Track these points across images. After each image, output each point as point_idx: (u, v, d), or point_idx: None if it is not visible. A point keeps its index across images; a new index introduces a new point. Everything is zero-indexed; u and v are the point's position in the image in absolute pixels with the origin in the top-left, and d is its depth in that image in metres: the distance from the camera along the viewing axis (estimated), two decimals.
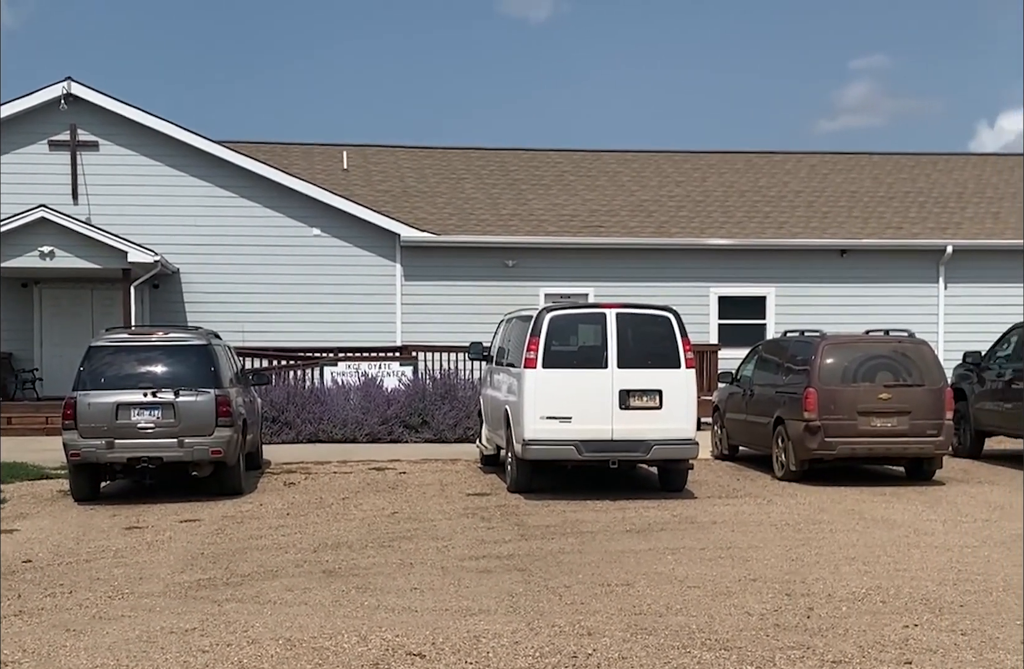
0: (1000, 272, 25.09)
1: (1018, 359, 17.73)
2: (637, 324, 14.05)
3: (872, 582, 9.07)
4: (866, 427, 15.17)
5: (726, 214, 26.23)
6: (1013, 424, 17.53)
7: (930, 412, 15.27)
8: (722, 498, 13.95)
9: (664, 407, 13.71)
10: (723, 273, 24.77)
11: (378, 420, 20.11)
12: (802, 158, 30.82)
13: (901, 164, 30.55)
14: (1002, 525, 11.92)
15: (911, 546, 10.69)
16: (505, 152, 30.42)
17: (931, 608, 8.21)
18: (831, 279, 24.92)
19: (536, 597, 8.56)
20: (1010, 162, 31.25)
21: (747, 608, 8.20)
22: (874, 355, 15.61)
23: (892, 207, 27.06)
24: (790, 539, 11.05)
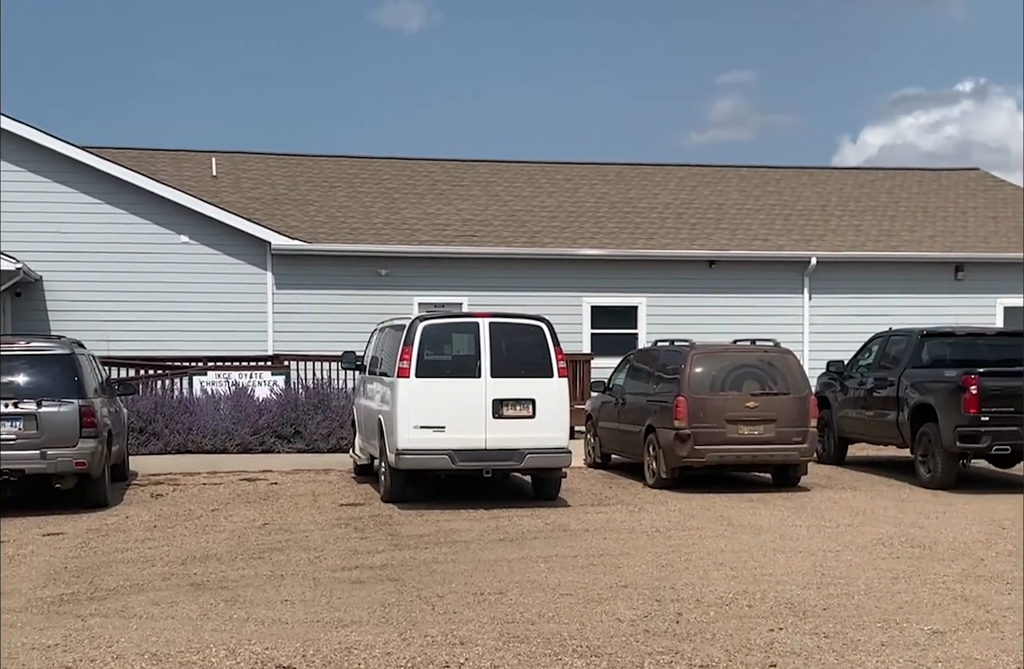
0: (862, 283, 25.74)
1: (879, 368, 18.21)
2: (510, 333, 14.11)
3: (739, 587, 9.23)
4: (734, 435, 15.44)
5: (598, 225, 26.50)
6: (874, 431, 17.99)
7: (795, 420, 15.61)
8: (595, 506, 14.07)
9: (537, 416, 13.78)
10: (595, 283, 24.99)
11: (249, 430, 19.86)
12: (672, 170, 31.29)
13: (768, 177, 31.20)
14: (864, 530, 12.22)
15: (777, 551, 10.91)
16: (378, 160, 30.33)
17: (795, 612, 8.38)
18: (700, 289, 25.32)
19: (409, 607, 8.53)
20: (871, 176, 32.12)
21: (618, 614, 8.28)
22: (741, 364, 15.90)
23: (759, 219, 27.61)
24: (660, 546, 11.19)
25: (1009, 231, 27.59)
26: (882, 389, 17.63)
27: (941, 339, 17.85)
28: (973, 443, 15.34)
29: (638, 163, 31.72)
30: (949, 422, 15.52)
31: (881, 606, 8.57)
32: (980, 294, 26.02)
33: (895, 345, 18.17)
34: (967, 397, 15.23)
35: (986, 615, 8.28)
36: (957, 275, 26.01)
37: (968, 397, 15.22)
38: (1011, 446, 15.38)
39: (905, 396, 16.80)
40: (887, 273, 25.87)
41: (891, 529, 12.22)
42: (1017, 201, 29.98)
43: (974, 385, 15.20)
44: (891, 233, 27.16)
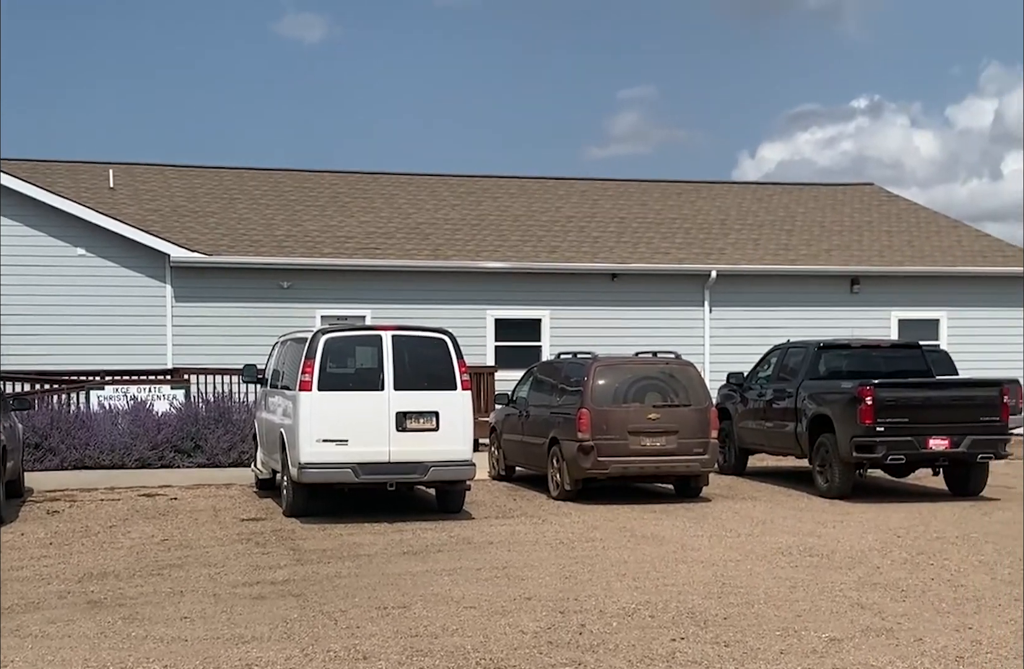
0: (761, 296, 26.12)
1: (778, 379, 18.48)
2: (413, 346, 14.10)
3: (642, 597, 9.29)
4: (637, 446, 15.56)
5: (501, 238, 26.57)
6: (774, 442, 18.25)
7: (696, 431, 15.77)
8: (499, 518, 14.08)
9: (441, 429, 13.78)
10: (499, 296, 25.05)
11: (148, 445, 19.54)
12: (574, 184, 31.49)
13: (668, 191, 31.54)
14: (764, 539, 12.39)
15: (679, 561, 11.01)
16: (279, 173, 30.12)
17: (696, 621, 8.46)
18: (603, 302, 25.49)
19: (311, 622, 8.46)
20: (769, 191, 32.64)
21: (521, 626, 8.30)
22: (643, 376, 16.04)
23: (660, 233, 27.89)
24: (564, 557, 11.23)
25: (903, 245, 28.20)
26: (781, 400, 17.90)
27: (837, 351, 18.18)
28: (869, 453, 15.63)
29: (540, 177, 31.89)
30: (845, 433, 15.79)
31: (780, 614, 8.69)
32: (875, 307, 26.54)
33: (793, 357, 18.46)
34: (863, 408, 15.52)
35: (881, 622, 8.43)
36: (853, 288, 26.51)
37: (864, 408, 15.51)
38: (905, 456, 15.70)
39: (803, 407, 17.07)
40: (785, 286, 26.28)
41: (790, 538, 12.39)
42: (910, 216, 30.67)
43: (869, 396, 15.50)
44: (789, 247, 27.61)
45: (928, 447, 15.59)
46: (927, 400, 15.86)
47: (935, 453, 15.71)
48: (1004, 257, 27.77)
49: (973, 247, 28.34)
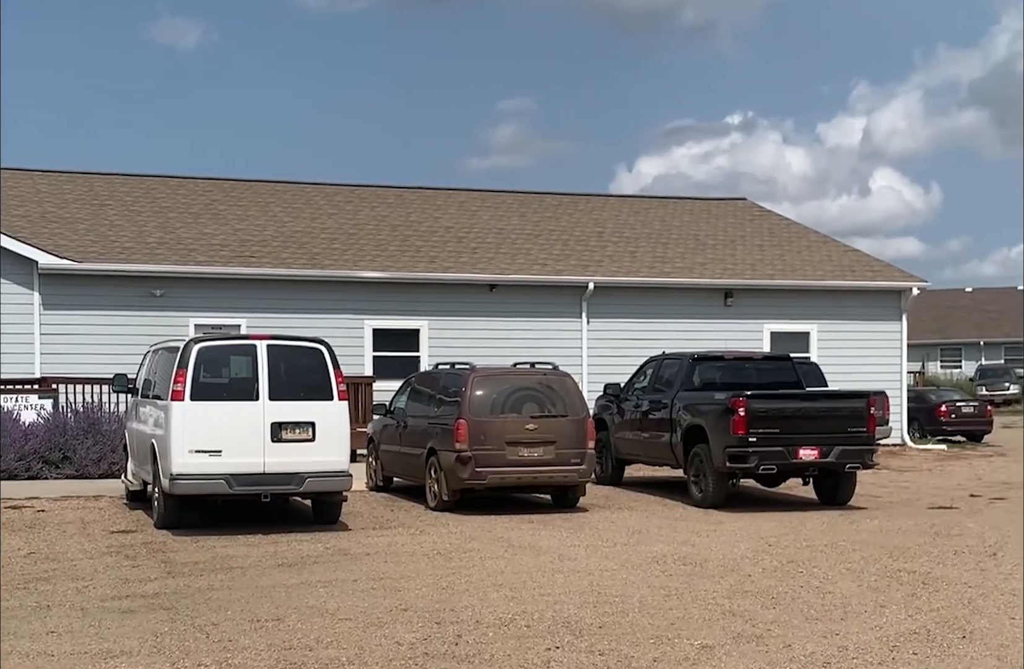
0: (637, 308, 26.39)
1: (653, 390, 18.70)
2: (289, 356, 13.97)
3: (518, 607, 9.31)
4: (514, 457, 15.60)
5: (379, 247, 26.46)
6: (650, 452, 18.44)
7: (573, 442, 15.87)
8: (376, 529, 14.00)
9: (317, 439, 13.66)
10: (377, 306, 24.93)
11: (14, 456, 19.02)
12: (453, 195, 31.51)
13: (546, 203, 31.73)
14: (639, 548, 12.50)
15: (555, 571, 11.05)
16: (152, 179, 29.62)
17: (572, 630, 8.50)
18: (481, 313, 25.52)
19: (182, 636, 8.31)
20: (646, 204, 33.03)
21: (397, 638, 8.25)
22: (521, 387, 16.10)
23: (538, 244, 28.04)
24: (441, 568, 11.21)
25: (774, 259, 28.75)
26: (656, 411, 18.10)
27: (711, 363, 18.47)
28: (741, 463, 15.89)
29: (419, 187, 31.84)
30: (719, 443, 16.03)
31: (654, 623, 8.77)
32: (748, 319, 27.00)
33: (668, 368, 18.70)
34: (735, 419, 15.77)
35: (752, 629, 8.56)
36: (727, 301, 26.94)
37: (736, 419, 15.77)
38: (777, 466, 15.99)
39: (678, 418, 17.29)
40: (661, 298, 26.60)
41: (665, 547, 12.53)
42: (782, 230, 31.30)
43: (742, 407, 15.76)
44: (665, 260, 27.97)
45: (798, 457, 15.90)
46: (797, 411, 16.18)
47: (805, 463, 16.02)
48: (872, 272, 28.48)
49: (842, 262, 29.02)
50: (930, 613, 9.13)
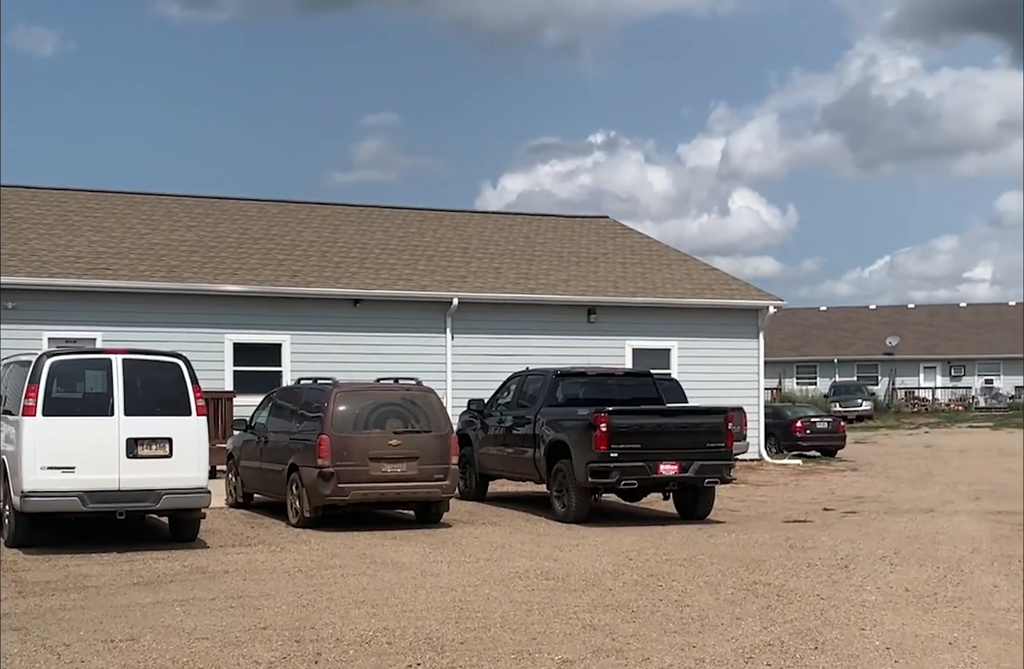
0: (502, 324, 26.46)
1: (517, 406, 18.77)
2: (145, 370, 13.69)
3: (380, 624, 9.24)
4: (377, 473, 15.51)
5: (240, 261, 26.12)
6: (513, 468, 18.50)
7: (437, 457, 15.83)
8: (235, 547, 13.78)
9: (175, 455, 13.41)
10: (238, 320, 24.59)
11: None
12: (316, 209, 31.27)
13: (411, 218, 31.69)
14: (502, 564, 12.52)
15: (418, 587, 11.01)
16: (4, 189, 28.79)
17: (434, 647, 8.47)
18: (345, 328, 25.34)
19: (32, 657, 8.07)
20: (510, 221, 33.21)
21: (255, 657, 8.13)
22: (384, 402, 16.03)
23: (403, 259, 27.97)
24: (302, 585, 11.08)
25: (636, 277, 29.12)
26: (520, 427, 18.17)
27: (574, 379, 18.63)
28: (603, 478, 16.03)
29: (282, 200, 31.53)
30: (581, 458, 16.16)
31: (516, 638, 8.78)
32: (611, 336, 27.29)
33: (532, 384, 18.80)
34: (597, 434, 15.91)
35: (612, 643, 8.63)
36: (590, 318, 27.19)
37: (598, 434, 15.91)
38: (638, 481, 16.17)
39: (541, 434, 17.38)
40: (526, 314, 26.73)
41: (528, 562, 12.57)
42: (643, 248, 31.73)
43: (604, 423, 15.91)
44: (529, 276, 28.13)
45: (659, 472, 16.10)
46: (658, 427, 16.39)
47: (665, 478, 16.24)
48: (730, 290, 29.03)
49: (702, 280, 29.52)
50: (784, 625, 9.30)
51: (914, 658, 8.20)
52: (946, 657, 8.23)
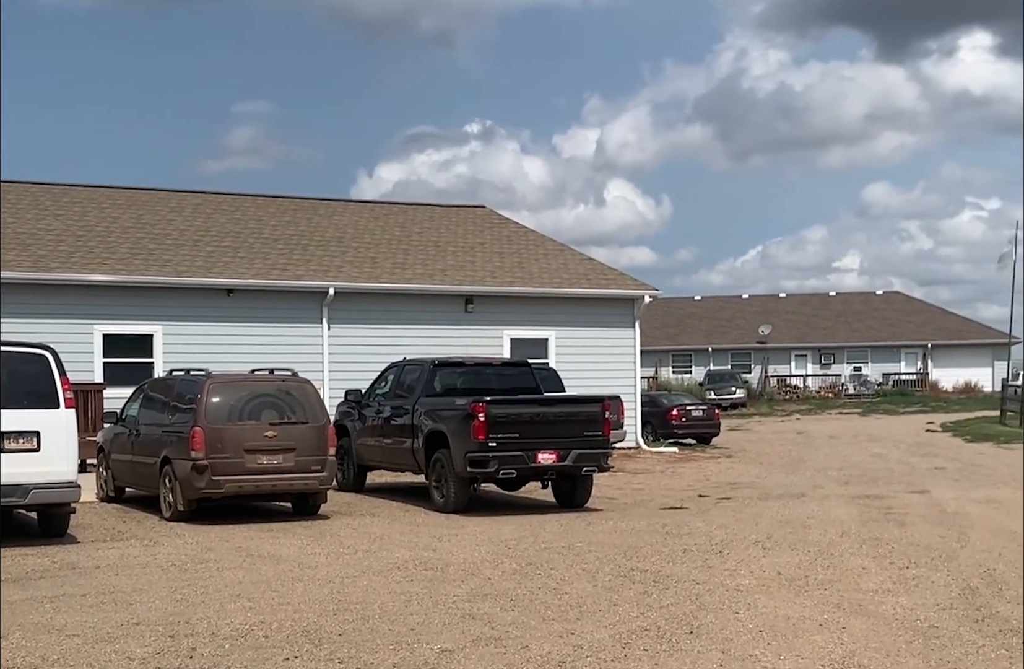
0: (379, 314, 26.34)
1: (395, 396, 18.70)
2: (11, 362, 13.31)
3: (256, 618, 9.13)
4: (253, 465, 15.33)
5: (109, 250, 25.57)
6: (392, 458, 18.43)
7: (314, 449, 15.70)
8: (107, 541, 13.51)
9: (43, 449, 13.07)
10: (108, 310, 24.08)
11: None
12: (187, 197, 30.72)
13: (285, 207, 31.33)
14: (381, 555, 12.46)
15: (295, 580, 10.90)
16: None
17: (311, 639, 8.39)
18: (219, 318, 24.97)
19: None
20: (386, 210, 33.03)
21: (128, 653, 7.97)
22: (259, 394, 15.83)
23: (277, 249, 27.65)
24: (176, 580, 10.89)
25: (514, 267, 29.21)
26: (398, 417, 18.11)
27: (452, 369, 18.61)
28: (482, 468, 16.04)
29: (152, 188, 30.92)
30: (460, 448, 16.15)
31: (395, 629, 8.75)
32: (489, 326, 27.34)
33: (409, 374, 18.74)
34: (476, 424, 15.92)
35: (491, 631, 8.64)
36: (467, 307, 27.19)
37: (477, 424, 15.91)
38: (516, 470, 16.22)
39: (419, 424, 17.33)
40: (403, 304, 26.64)
41: (407, 553, 12.53)
42: (520, 238, 31.83)
43: (482, 412, 15.92)
44: (405, 266, 28.03)
45: (537, 461, 16.17)
46: (536, 416, 16.45)
47: (544, 467, 16.31)
48: (606, 280, 29.28)
49: (578, 270, 29.72)
50: (660, 610, 9.41)
51: (786, 640, 8.36)
52: (816, 638, 8.40)
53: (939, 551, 12.44)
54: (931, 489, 18.99)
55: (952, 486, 19.49)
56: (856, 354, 68.67)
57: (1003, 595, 10.02)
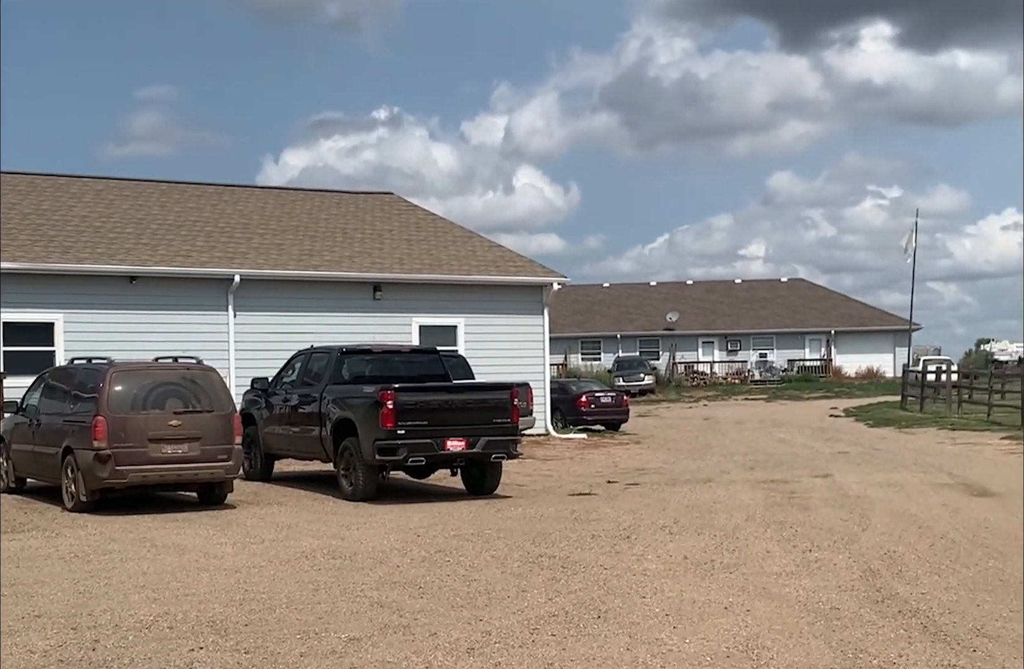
0: (286, 301, 26.10)
1: (302, 384, 18.56)
2: None
3: (160, 609, 9.02)
4: (157, 454, 15.12)
5: (8, 237, 25.00)
6: (300, 447, 18.29)
7: (220, 438, 15.52)
8: (7, 533, 13.25)
9: None
10: (7, 298, 23.57)
11: None
12: (88, 183, 30.12)
13: (189, 194, 30.86)
14: (288, 544, 12.37)
15: (201, 570, 10.78)
16: None
17: (217, 630, 8.31)
18: (122, 306, 24.56)
19: None
20: (293, 196, 32.69)
21: (30, 646, 7.83)
22: (163, 382, 15.61)
23: (181, 235, 27.26)
24: (79, 571, 10.72)
25: (422, 254, 29.11)
26: (306, 405, 17.97)
27: (360, 356, 18.51)
28: (391, 456, 15.98)
29: (51, 174, 30.28)
30: (368, 436, 16.08)
31: (302, 618, 8.69)
32: (397, 313, 27.22)
33: (317, 362, 18.61)
34: (384, 412, 15.85)
35: (399, 619, 8.62)
36: (376, 295, 27.05)
37: (385, 412, 15.85)
38: (425, 457, 16.19)
39: (327, 412, 17.22)
40: (310, 292, 26.43)
41: (314, 542, 12.45)
42: (429, 225, 31.72)
43: (390, 400, 15.86)
44: (312, 253, 27.80)
45: (446, 449, 16.15)
46: (445, 403, 16.42)
47: (453, 454, 16.30)
48: (515, 267, 29.29)
49: (487, 257, 29.70)
50: (568, 595, 9.46)
51: (691, 623, 8.45)
52: (721, 621, 8.50)
53: (841, 534, 12.66)
54: (834, 473, 19.30)
55: (854, 470, 19.82)
56: (762, 341, 69.58)
57: (902, 576, 10.22)
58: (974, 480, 17.91)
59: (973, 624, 8.40)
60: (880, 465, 20.76)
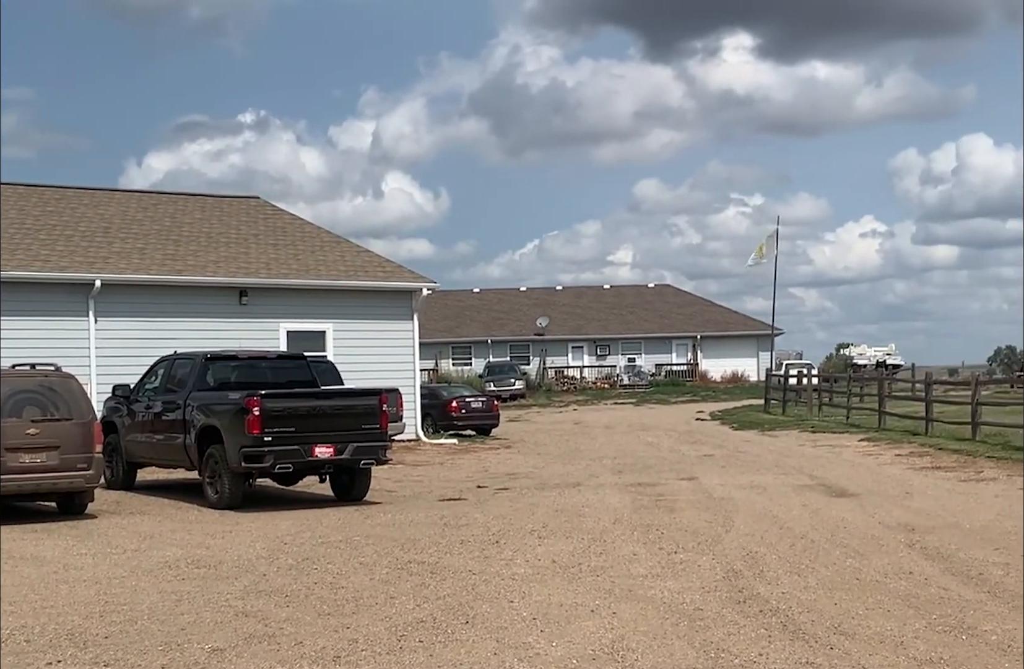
0: (150, 307, 25.61)
1: (166, 391, 18.23)
2: None
3: (17, 622, 8.78)
4: (15, 464, 14.73)
5: None
6: (164, 455, 17.98)
7: (79, 446, 15.17)
8: None
9: None
10: None
11: None
12: None
13: (48, 196, 30.10)
14: (151, 554, 12.14)
15: (60, 582, 10.53)
16: None
17: (76, 643, 8.12)
18: None
19: None
20: (155, 200, 32.08)
21: None
22: (20, 390, 15.20)
23: (40, 240, 26.57)
24: None
25: (289, 259, 28.83)
26: (169, 412, 17.67)
27: (225, 362, 18.26)
28: (257, 463, 15.80)
29: None
30: (234, 443, 15.87)
31: (164, 629, 8.54)
32: (264, 318, 26.89)
33: (181, 368, 18.30)
34: (250, 418, 15.66)
35: (265, 629, 8.52)
36: (242, 300, 26.69)
37: (251, 418, 15.66)
38: (293, 464, 16.04)
39: (191, 419, 16.95)
40: (174, 297, 25.98)
41: (178, 551, 12.24)
42: (296, 230, 31.43)
43: (256, 406, 15.68)
44: (176, 257, 27.34)
45: (314, 455, 16.02)
46: (312, 410, 16.29)
47: (321, 461, 16.17)
48: (384, 272, 29.18)
49: (355, 262, 29.53)
50: (437, 601, 9.45)
51: (558, 626, 8.50)
52: (588, 624, 8.57)
53: (705, 536, 12.85)
54: (699, 476, 19.59)
55: (719, 472, 20.15)
56: (630, 345, 70.42)
57: (763, 576, 10.42)
58: (833, 481, 18.34)
59: (831, 622, 8.59)
60: (744, 467, 21.14)
